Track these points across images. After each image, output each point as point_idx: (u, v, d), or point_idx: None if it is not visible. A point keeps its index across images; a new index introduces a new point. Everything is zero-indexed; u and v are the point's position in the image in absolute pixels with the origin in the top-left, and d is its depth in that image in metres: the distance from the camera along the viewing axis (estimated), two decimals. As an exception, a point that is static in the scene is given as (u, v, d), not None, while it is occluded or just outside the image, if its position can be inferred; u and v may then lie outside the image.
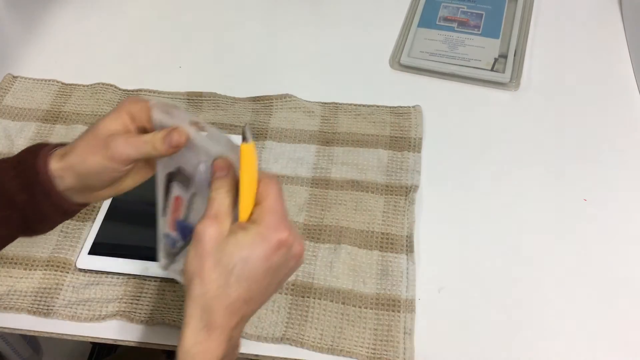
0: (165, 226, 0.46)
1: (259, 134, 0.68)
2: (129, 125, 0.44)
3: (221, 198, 0.39)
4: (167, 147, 0.42)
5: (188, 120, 0.42)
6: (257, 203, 0.40)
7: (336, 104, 0.70)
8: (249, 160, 0.39)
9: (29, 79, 0.75)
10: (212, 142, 0.41)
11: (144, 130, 0.45)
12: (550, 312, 0.54)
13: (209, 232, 0.38)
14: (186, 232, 0.45)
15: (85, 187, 0.45)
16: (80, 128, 0.69)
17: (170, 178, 0.45)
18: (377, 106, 0.69)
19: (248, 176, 0.39)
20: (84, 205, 0.47)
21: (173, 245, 0.46)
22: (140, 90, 0.73)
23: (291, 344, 0.53)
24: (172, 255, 0.47)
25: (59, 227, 0.53)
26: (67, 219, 0.48)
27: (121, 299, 0.56)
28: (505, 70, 0.71)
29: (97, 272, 0.58)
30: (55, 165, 0.43)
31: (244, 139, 0.39)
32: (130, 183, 0.46)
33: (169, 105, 0.44)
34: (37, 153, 0.44)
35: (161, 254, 0.47)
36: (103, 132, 0.43)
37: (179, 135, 0.42)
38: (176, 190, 0.45)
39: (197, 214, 0.43)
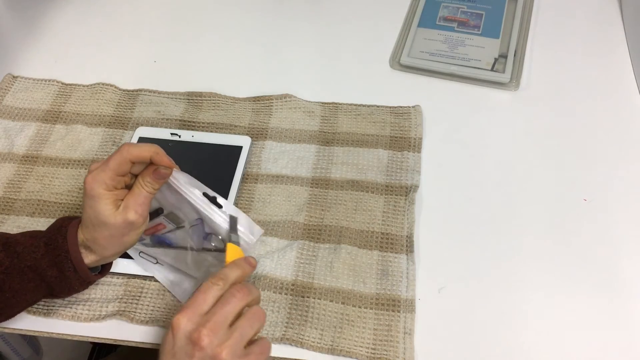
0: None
1: (259, 134, 0.68)
2: (118, 196, 0.50)
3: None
4: (160, 181, 0.51)
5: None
6: None
7: (336, 104, 0.70)
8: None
9: (29, 79, 0.75)
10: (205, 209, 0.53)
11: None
12: (550, 312, 0.54)
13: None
14: (160, 241, 0.56)
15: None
16: (80, 128, 0.69)
17: (160, 213, 0.55)
18: (377, 106, 0.69)
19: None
20: (103, 276, 0.55)
21: (141, 240, 0.57)
22: (140, 90, 0.73)
23: (291, 344, 0.53)
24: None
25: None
26: (87, 288, 0.55)
27: (121, 299, 0.56)
28: (505, 70, 0.71)
29: (97, 272, 0.58)
30: (89, 259, 0.51)
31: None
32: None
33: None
34: (64, 232, 0.50)
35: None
36: (111, 220, 0.49)
37: (166, 171, 0.50)
38: (163, 220, 0.55)
39: (173, 237, 0.56)
